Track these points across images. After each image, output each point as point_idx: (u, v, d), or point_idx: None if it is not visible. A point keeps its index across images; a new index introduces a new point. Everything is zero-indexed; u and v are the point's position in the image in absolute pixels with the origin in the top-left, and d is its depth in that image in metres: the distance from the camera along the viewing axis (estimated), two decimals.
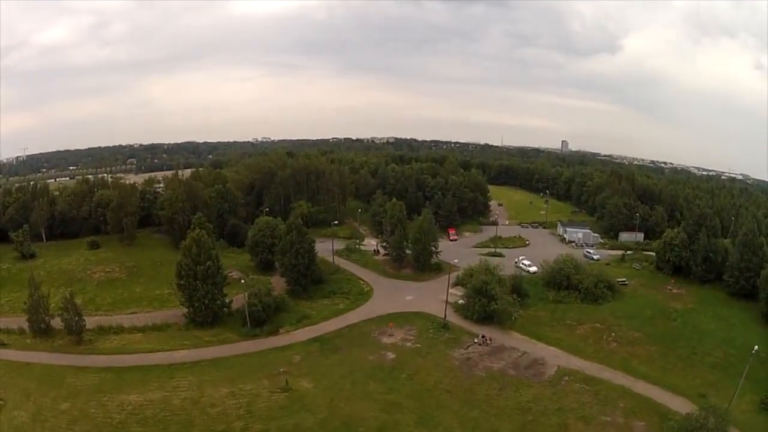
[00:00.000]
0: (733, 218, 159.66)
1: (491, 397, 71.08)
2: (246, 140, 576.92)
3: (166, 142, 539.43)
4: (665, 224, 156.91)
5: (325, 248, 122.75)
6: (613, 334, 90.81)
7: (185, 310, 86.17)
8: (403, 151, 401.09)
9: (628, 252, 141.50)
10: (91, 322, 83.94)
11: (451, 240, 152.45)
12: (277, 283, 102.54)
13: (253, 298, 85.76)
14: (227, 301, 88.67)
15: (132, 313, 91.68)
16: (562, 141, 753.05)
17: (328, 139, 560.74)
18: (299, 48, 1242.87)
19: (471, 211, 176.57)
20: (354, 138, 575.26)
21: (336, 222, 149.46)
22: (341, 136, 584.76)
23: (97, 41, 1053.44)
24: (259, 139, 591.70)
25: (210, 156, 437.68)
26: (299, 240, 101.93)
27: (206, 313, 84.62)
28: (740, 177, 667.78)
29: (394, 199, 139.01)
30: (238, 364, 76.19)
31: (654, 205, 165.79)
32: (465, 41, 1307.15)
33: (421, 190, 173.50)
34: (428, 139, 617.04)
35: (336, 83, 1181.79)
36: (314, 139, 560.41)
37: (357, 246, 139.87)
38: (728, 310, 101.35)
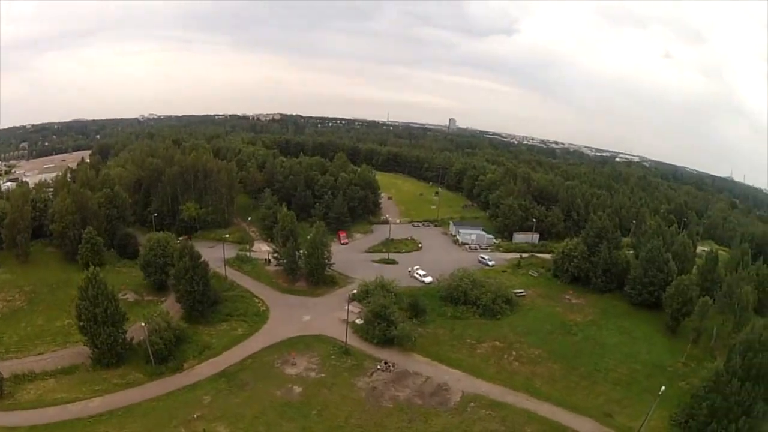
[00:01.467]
0: (633, 222, 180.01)
1: (402, 431, 75.53)
2: (133, 117, 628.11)
3: (57, 121, 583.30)
4: (561, 224, 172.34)
5: (215, 256, 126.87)
6: (514, 353, 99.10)
7: (89, 350, 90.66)
8: (288, 133, 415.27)
9: (524, 255, 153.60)
10: (4, 368, 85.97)
11: (342, 243, 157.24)
12: (173, 306, 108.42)
13: (154, 335, 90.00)
14: (129, 339, 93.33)
15: (40, 354, 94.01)
16: (450, 119, 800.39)
17: (214, 116, 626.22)
18: (194, 22, 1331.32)
19: (361, 210, 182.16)
20: (240, 114, 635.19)
21: (226, 236, 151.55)
22: (228, 112, 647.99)
23: None
24: (146, 116, 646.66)
25: (98, 136, 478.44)
26: (193, 266, 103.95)
27: (110, 355, 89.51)
28: (637, 159, 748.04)
29: (284, 208, 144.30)
30: (152, 410, 79.42)
31: (550, 206, 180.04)
32: (362, 19, 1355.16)
33: (310, 188, 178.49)
34: (315, 115, 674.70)
35: (227, 59, 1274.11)
36: (200, 115, 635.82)
37: (248, 254, 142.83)
38: (630, 322, 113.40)
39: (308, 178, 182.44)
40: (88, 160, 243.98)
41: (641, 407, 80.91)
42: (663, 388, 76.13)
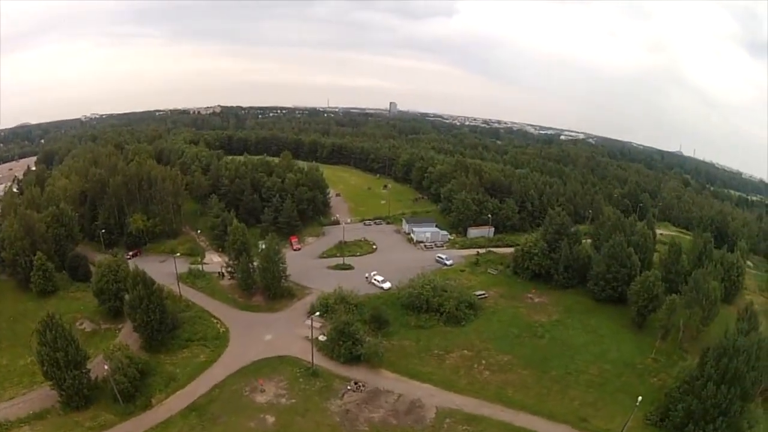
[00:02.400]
0: (589, 211, 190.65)
1: None
2: (76, 117, 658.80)
3: (2, 128, 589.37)
4: (516, 217, 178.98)
5: (166, 271, 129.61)
6: (484, 361, 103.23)
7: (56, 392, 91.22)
8: (230, 127, 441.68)
9: (481, 251, 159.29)
10: None
11: (295, 249, 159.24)
12: (131, 335, 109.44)
13: (118, 374, 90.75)
14: (93, 377, 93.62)
15: (10, 399, 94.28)
16: (391, 102, 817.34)
17: (155, 112, 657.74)
18: (132, 15, 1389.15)
19: (311, 212, 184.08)
20: (181, 109, 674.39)
21: (177, 254, 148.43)
22: (169, 107, 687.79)
23: None
24: (89, 116, 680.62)
25: (42, 141, 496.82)
26: (148, 294, 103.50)
27: (78, 398, 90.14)
28: (582, 136, 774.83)
29: (233, 215, 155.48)
30: None
31: (504, 198, 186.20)
32: (302, 4, 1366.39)
33: (257, 191, 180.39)
34: (256, 105, 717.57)
35: (166, 51, 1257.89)
36: (141, 111, 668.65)
37: (200, 267, 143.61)
38: (596, 319, 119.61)
39: (254, 180, 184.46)
40: (34, 168, 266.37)
41: (616, 408, 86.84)
42: (640, 398, 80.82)
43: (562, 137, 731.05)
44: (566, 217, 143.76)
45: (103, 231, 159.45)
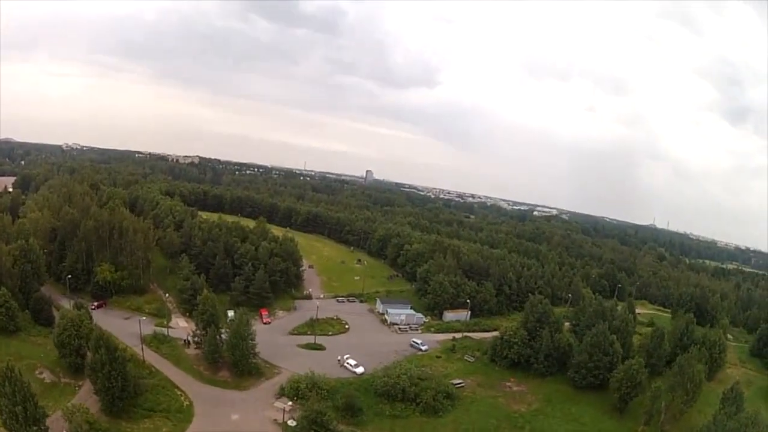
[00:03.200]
0: (569, 295, 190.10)
1: None
2: (57, 144, 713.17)
3: None
4: (494, 300, 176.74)
5: (130, 331, 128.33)
6: None
7: None
8: (206, 180, 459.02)
9: (457, 336, 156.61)
10: None
11: (265, 323, 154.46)
12: (90, 396, 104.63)
13: None
14: None
15: None
16: (367, 170, 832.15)
17: (134, 154, 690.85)
18: (122, 49, 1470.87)
19: (283, 284, 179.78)
20: (160, 154, 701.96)
21: (143, 317, 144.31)
22: (149, 149, 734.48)
23: None
24: (70, 144, 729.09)
25: (23, 162, 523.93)
26: (110, 359, 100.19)
27: None
28: (555, 212, 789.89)
29: (203, 279, 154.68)
30: None
31: (481, 281, 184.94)
32: (286, 62, 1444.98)
33: (230, 256, 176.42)
34: (233, 159, 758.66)
35: (151, 91, 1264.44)
36: (121, 150, 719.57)
37: (166, 332, 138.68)
38: (577, 407, 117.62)
39: (228, 245, 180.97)
40: (11, 189, 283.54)
41: None
42: None
43: (536, 213, 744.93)
44: (547, 305, 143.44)
45: (70, 277, 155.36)
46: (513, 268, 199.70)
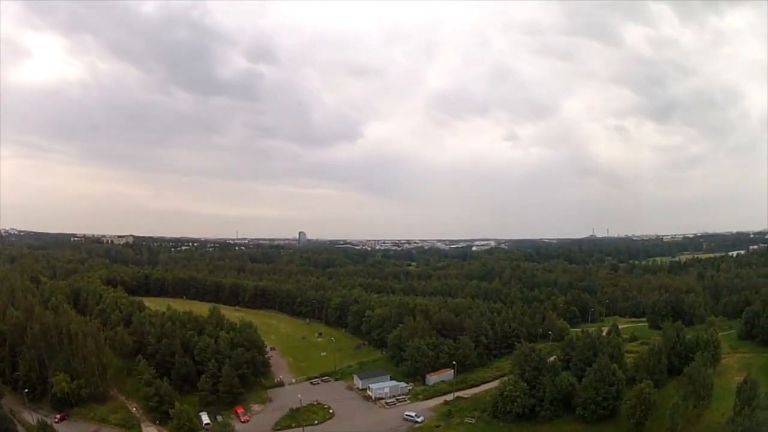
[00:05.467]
0: (550, 333, 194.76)
1: None
2: None
3: None
4: (473, 353, 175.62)
5: None
6: None
7: None
8: (143, 261, 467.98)
9: (448, 399, 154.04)
10: None
11: (243, 421, 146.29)
12: None
13: None
14: None
15: None
16: (300, 232, 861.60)
17: (70, 237, 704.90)
18: (50, 129, 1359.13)
19: (251, 375, 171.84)
20: (95, 236, 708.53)
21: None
22: (83, 231, 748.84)
23: None
24: (8, 230, 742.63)
25: None
26: None
27: None
28: (493, 243, 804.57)
29: (165, 383, 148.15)
30: None
31: (457, 336, 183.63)
32: (208, 132, 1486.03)
33: (189, 353, 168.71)
34: (167, 236, 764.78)
35: (81, 170, 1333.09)
36: (56, 233, 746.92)
37: None
38: None
39: (184, 340, 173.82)
40: None
41: None
42: None
43: (474, 248, 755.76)
44: (540, 353, 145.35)
45: (26, 390, 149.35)
46: (485, 317, 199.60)
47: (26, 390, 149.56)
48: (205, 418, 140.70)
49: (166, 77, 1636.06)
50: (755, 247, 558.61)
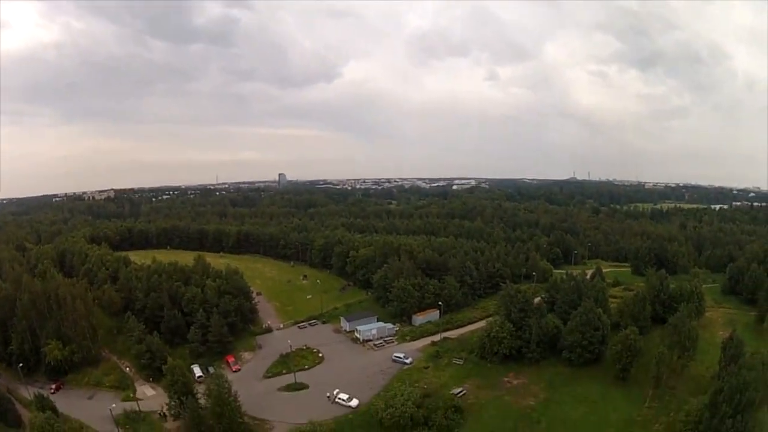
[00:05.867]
0: (534, 273, 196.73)
1: None
2: None
3: None
4: (459, 293, 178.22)
5: (98, 414, 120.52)
6: None
7: None
8: (126, 214, 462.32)
9: (435, 340, 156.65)
10: None
11: (235, 371, 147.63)
12: None
13: None
14: None
15: None
16: (279, 174, 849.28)
17: (52, 198, 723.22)
18: (27, 93, 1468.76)
19: (240, 323, 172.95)
20: (77, 194, 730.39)
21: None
22: (65, 191, 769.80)
23: None
24: None
25: None
26: None
27: None
28: (473, 182, 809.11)
29: (156, 338, 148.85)
30: None
31: (442, 276, 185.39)
32: (185, 80, 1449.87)
33: (177, 305, 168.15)
34: (147, 186, 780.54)
35: (60, 130, 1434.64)
36: (39, 195, 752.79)
37: (137, 406, 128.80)
38: (581, 386, 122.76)
39: (172, 292, 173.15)
40: None
41: None
42: None
43: (455, 186, 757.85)
44: (526, 295, 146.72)
45: (21, 365, 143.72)
46: (469, 256, 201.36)
47: (20, 364, 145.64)
48: (197, 371, 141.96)
49: (141, 29, 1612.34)
50: (738, 203, 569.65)
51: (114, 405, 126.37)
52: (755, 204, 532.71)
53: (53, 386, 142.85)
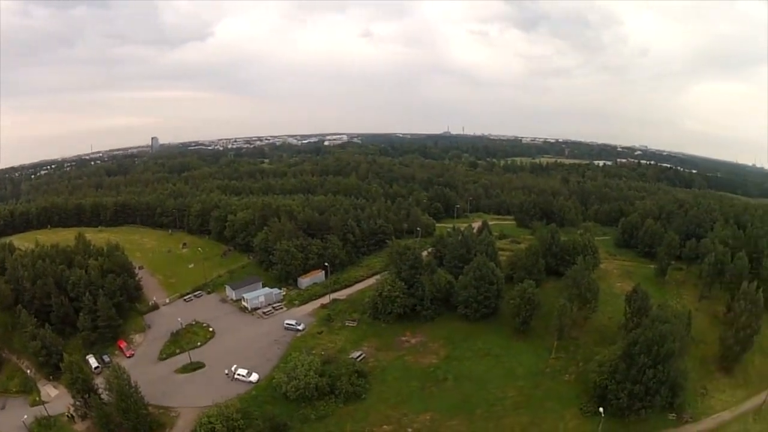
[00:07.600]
0: (418, 229, 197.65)
1: None
2: None
3: None
4: (342, 252, 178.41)
5: (14, 424, 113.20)
6: (410, 430, 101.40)
7: None
8: (7, 194, 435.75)
9: (324, 303, 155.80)
10: None
11: (129, 356, 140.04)
12: None
13: None
14: None
15: None
16: (152, 138, 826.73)
17: None
18: None
19: (127, 302, 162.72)
20: None
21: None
22: None
23: None
24: None
25: None
26: None
27: None
28: (345, 138, 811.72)
29: (48, 331, 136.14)
30: None
31: (324, 236, 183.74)
32: (66, 47, 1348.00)
33: (63, 290, 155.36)
34: (28, 162, 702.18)
35: None
36: None
37: (45, 410, 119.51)
38: (481, 340, 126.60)
39: (57, 276, 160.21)
40: None
41: (552, 416, 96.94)
42: (601, 410, 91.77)
43: (326, 142, 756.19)
44: (414, 251, 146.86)
45: None
46: (349, 214, 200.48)
47: None
48: (93, 362, 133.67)
49: None
50: (623, 160, 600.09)
51: (26, 416, 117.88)
52: (643, 162, 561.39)
53: None
